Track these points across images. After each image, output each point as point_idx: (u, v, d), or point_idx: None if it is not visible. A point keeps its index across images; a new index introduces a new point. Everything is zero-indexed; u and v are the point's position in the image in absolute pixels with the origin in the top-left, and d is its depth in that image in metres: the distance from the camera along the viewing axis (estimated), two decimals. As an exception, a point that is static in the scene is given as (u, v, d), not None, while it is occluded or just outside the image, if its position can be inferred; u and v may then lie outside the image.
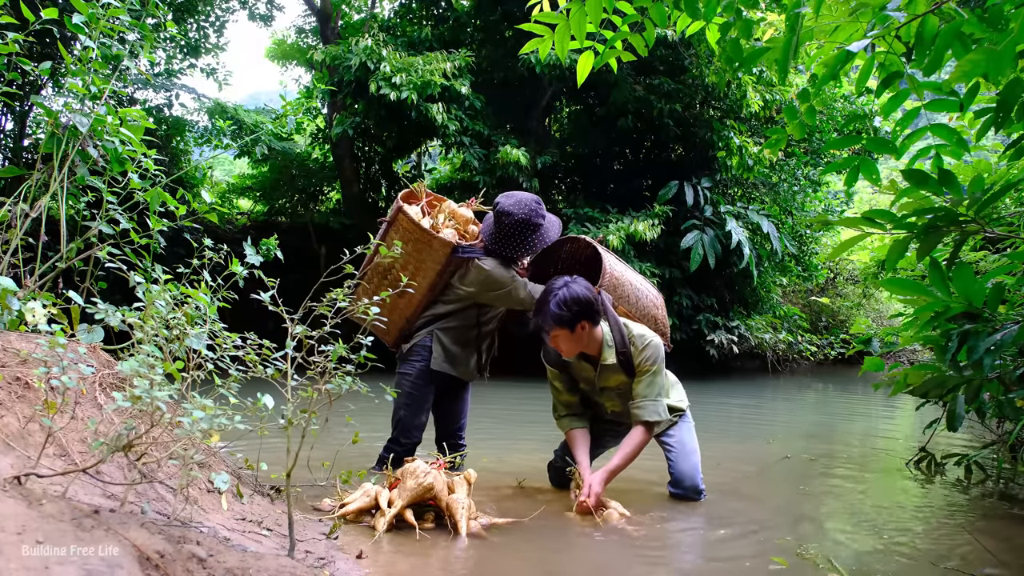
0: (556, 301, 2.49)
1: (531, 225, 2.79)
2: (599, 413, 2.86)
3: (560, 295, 2.49)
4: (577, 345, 2.58)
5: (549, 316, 2.49)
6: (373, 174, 11.01)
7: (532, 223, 2.79)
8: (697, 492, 2.71)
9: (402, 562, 1.89)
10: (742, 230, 8.72)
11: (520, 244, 2.82)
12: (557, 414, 2.81)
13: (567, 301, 2.48)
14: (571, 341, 2.55)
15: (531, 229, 2.80)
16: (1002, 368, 2.48)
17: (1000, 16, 1.60)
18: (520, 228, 2.78)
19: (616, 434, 2.85)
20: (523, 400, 6.38)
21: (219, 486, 1.75)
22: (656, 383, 2.60)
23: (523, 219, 2.77)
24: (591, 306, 2.52)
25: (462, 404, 3.12)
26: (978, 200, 1.82)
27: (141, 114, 2.55)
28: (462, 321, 2.92)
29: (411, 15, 10.53)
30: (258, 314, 2.03)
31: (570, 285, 2.52)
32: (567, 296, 2.49)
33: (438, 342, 2.90)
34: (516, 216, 2.77)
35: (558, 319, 2.48)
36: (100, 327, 2.02)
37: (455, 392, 3.08)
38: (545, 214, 2.87)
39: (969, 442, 4.22)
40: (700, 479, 2.72)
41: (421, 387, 2.91)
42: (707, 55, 8.63)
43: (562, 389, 2.78)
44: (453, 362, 2.93)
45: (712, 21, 2.13)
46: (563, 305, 2.48)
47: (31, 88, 7.54)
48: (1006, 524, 2.49)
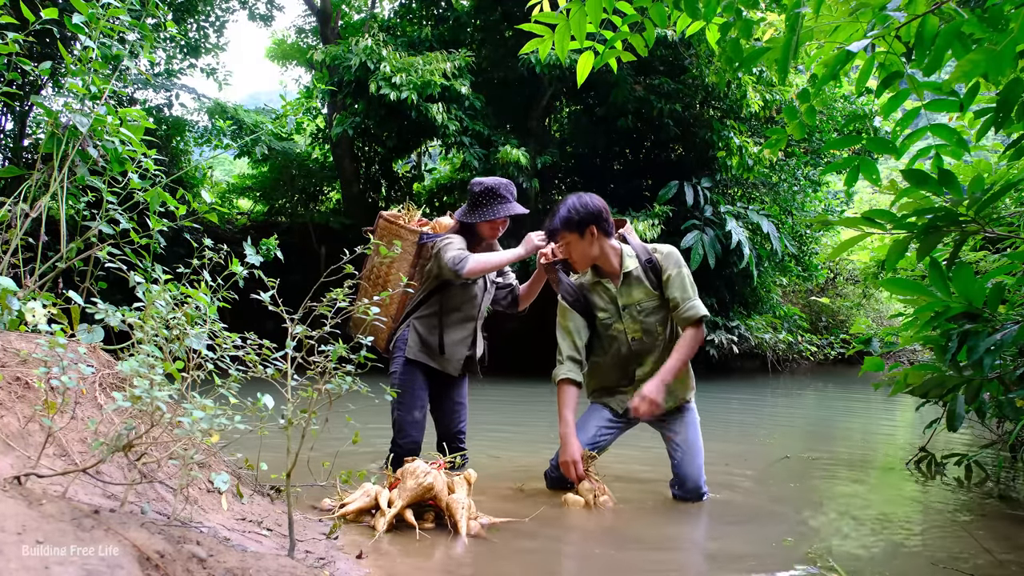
0: (566, 206, 2.66)
1: (497, 194, 2.85)
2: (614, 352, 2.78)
3: (571, 201, 2.67)
4: (588, 254, 2.67)
5: (558, 219, 2.65)
6: (373, 174, 11.01)
7: (499, 192, 2.85)
8: (699, 495, 2.70)
9: (402, 562, 1.89)
10: (742, 230, 8.72)
11: (481, 207, 2.85)
12: (558, 361, 2.76)
13: (576, 206, 2.65)
14: (581, 248, 2.65)
15: (496, 196, 2.85)
16: (1002, 368, 2.48)
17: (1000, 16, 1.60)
18: (486, 193, 2.84)
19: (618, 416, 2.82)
20: (523, 400, 6.39)
21: (219, 486, 1.75)
22: (688, 283, 2.69)
23: (491, 186, 2.85)
24: (600, 215, 2.65)
25: (455, 405, 3.04)
26: (978, 200, 1.82)
27: (141, 114, 2.55)
28: (430, 308, 2.93)
29: (411, 15, 10.53)
30: (258, 314, 2.03)
31: (581, 195, 2.69)
32: (577, 202, 2.66)
33: (413, 331, 2.90)
34: (486, 183, 2.86)
35: (566, 221, 2.63)
36: (100, 327, 2.02)
37: (447, 391, 3.03)
38: (514, 192, 2.92)
39: (969, 442, 4.22)
40: (703, 481, 2.71)
41: (407, 381, 2.88)
42: (707, 55, 8.63)
43: (571, 331, 2.75)
44: (429, 352, 2.91)
45: (712, 21, 2.12)
46: (572, 209, 2.64)
47: (31, 88, 7.54)
48: (1006, 524, 2.49)
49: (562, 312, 2.80)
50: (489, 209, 2.83)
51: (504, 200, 2.85)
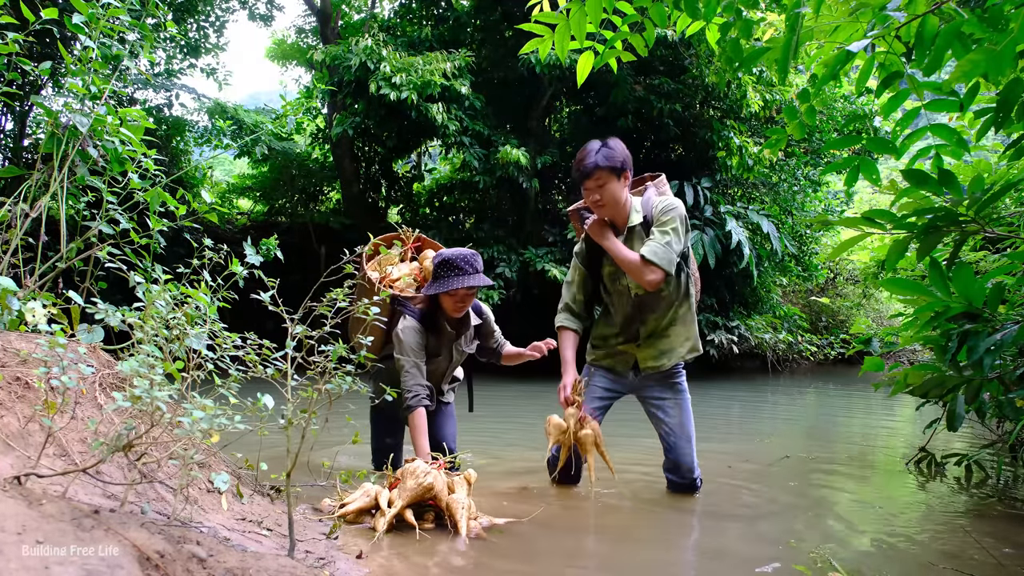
0: (607, 146, 2.61)
1: (454, 265, 2.68)
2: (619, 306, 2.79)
3: (611, 143, 2.63)
4: (618, 198, 2.64)
5: (601, 156, 2.59)
6: (373, 174, 11.02)
7: (455, 264, 2.68)
8: (693, 479, 2.71)
9: (402, 562, 1.88)
10: (742, 230, 8.72)
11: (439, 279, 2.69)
12: (560, 308, 2.91)
13: (616, 148, 2.61)
14: (614, 190, 2.62)
15: (453, 268, 2.68)
16: (1002, 368, 2.48)
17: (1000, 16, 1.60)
18: (443, 265, 2.69)
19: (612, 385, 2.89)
20: (523, 400, 6.39)
21: (219, 486, 1.75)
22: (669, 236, 2.62)
23: (448, 257, 2.70)
24: (630, 161, 2.65)
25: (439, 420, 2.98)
26: (978, 200, 1.82)
27: (141, 114, 2.55)
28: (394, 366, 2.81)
29: (411, 15, 10.54)
30: (258, 314, 2.03)
31: (612, 139, 2.65)
32: (615, 144, 2.63)
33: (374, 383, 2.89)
34: (444, 255, 2.72)
35: (610, 158, 2.58)
36: (100, 327, 2.02)
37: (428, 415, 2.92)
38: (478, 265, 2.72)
39: (969, 442, 4.22)
40: (696, 465, 2.73)
41: (374, 418, 3.02)
42: (707, 55, 8.63)
43: (573, 283, 2.88)
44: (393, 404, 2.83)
45: (712, 21, 2.12)
46: (614, 149, 2.60)
47: (31, 88, 7.55)
48: (1006, 524, 2.49)
49: (573, 265, 2.92)
50: (446, 280, 2.66)
51: (462, 272, 2.66)
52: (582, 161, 2.63)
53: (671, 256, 2.59)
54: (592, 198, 2.65)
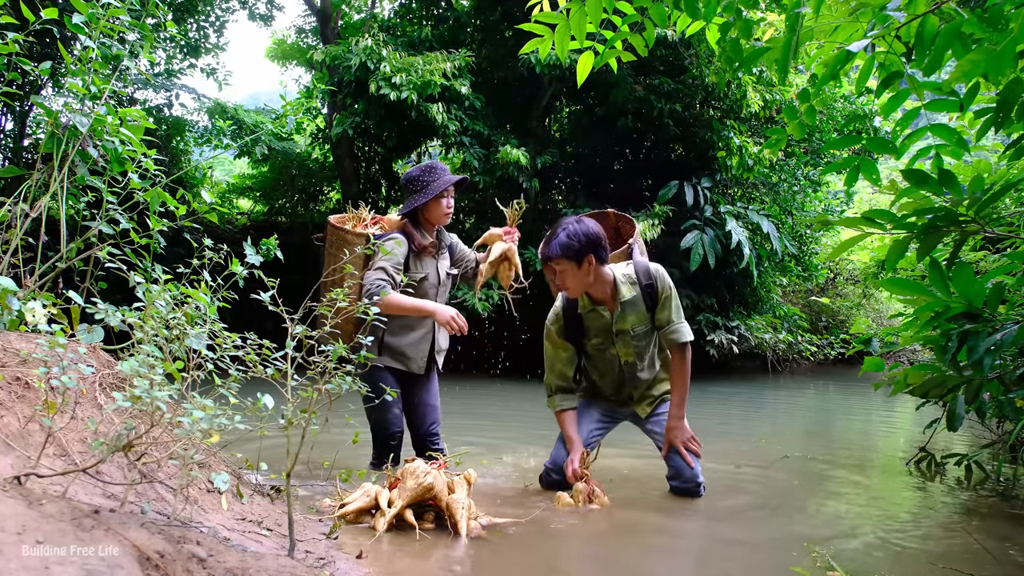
0: (566, 232, 2.53)
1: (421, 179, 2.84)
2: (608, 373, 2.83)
3: (571, 228, 2.53)
4: (582, 283, 2.58)
5: (557, 246, 2.52)
6: (373, 174, 11.01)
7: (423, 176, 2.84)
8: (697, 484, 2.70)
9: (402, 562, 1.89)
10: (742, 230, 8.71)
11: (415, 193, 2.85)
12: (549, 389, 2.82)
13: (577, 233, 2.52)
14: (577, 277, 2.56)
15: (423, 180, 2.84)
16: (1002, 368, 2.48)
17: (1000, 16, 1.60)
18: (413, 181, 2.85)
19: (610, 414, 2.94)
20: (523, 400, 6.39)
21: (219, 486, 1.75)
22: (677, 304, 2.69)
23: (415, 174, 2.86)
24: (600, 243, 2.55)
25: (425, 407, 3.00)
26: (978, 200, 1.82)
27: (141, 114, 2.55)
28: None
29: (411, 15, 10.53)
30: (258, 314, 2.03)
31: (582, 220, 2.57)
32: (577, 229, 2.53)
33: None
34: (411, 172, 2.87)
35: (566, 248, 2.51)
36: (100, 327, 2.02)
37: (415, 392, 3.00)
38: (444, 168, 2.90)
39: (969, 442, 4.22)
40: (699, 471, 2.72)
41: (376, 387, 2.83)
42: (707, 55, 8.63)
43: (560, 361, 2.80)
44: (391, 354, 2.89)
45: (712, 21, 2.12)
46: (573, 236, 2.51)
47: (31, 88, 7.54)
48: (1006, 524, 2.49)
49: (553, 343, 2.79)
50: (427, 188, 2.82)
51: (438, 174, 2.84)
52: (543, 245, 2.62)
53: (687, 326, 2.73)
54: (556, 281, 2.63)
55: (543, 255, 2.60)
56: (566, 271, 2.54)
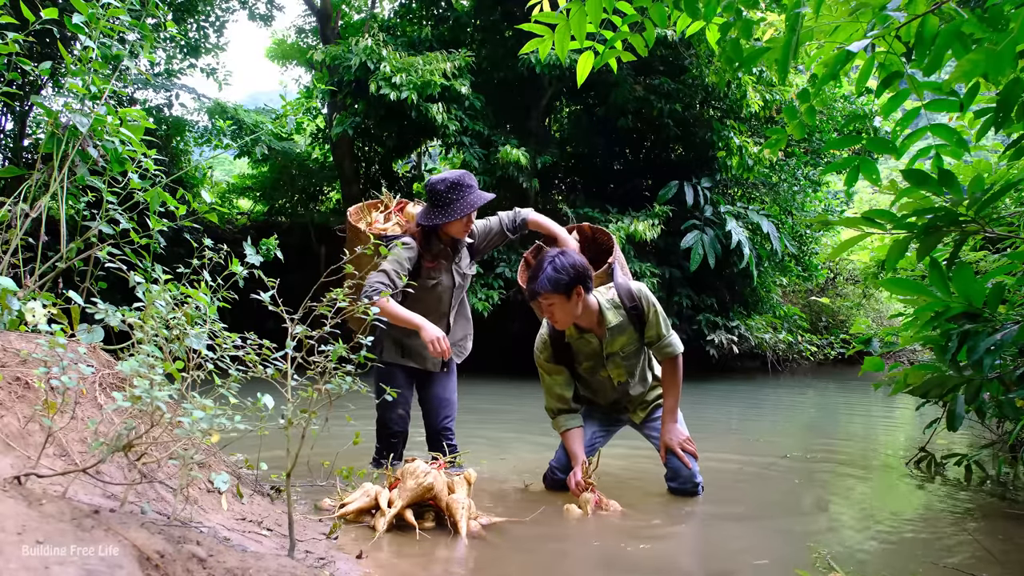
0: (552, 266, 2.50)
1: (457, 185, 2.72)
2: (601, 392, 2.88)
3: (557, 261, 2.51)
4: (571, 314, 2.57)
5: (546, 280, 2.49)
6: (373, 174, 11.01)
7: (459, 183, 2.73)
8: (695, 484, 2.71)
9: (402, 562, 1.88)
10: (742, 230, 8.72)
11: (438, 208, 2.75)
12: (551, 412, 2.84)
13: (564, 267, 2.50)
14: (566, 309, 2.55)
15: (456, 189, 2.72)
16: (1002, 368, 2.48)
17: (1000, 16, 1.60)
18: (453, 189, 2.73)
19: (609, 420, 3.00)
20: (523, 399, 6.38)
21: (219, 486, 1.75)
22: (665, 320, 2.74)
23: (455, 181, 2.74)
24: (587, 274, 2.55)
25: (440, 401, 3.00)
26: (978, 200, 1.82)
27: (141, 114, 2.55)
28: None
29: (411, 15, 10.53)
30: (258, 314, 2.03)
31: (566, 252, 2.56)
32: (564, 262, 2.51)
33: (384, 333, 2.86)
34: (449, 179, 2.74)
35: (555, 282, 2.48)
36: (100, 327, 2.02)
37: (430, 387, 3.01)
38: (472, 183, 2.79)
39: (969, 442, 4.22)
40: (697, 472, 2.73)
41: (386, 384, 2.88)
42: (707, 55, 8.63)
43: (557, 385, 2.80)
44: (404, 351, 2.91)
45: (712, 21, 2.12)
46: (560, 270, 2.49)
47: (31, 88, 7.54)
48: (1006, 524, 2.49)
49: (546, 370, 2.81)
50: (444, 211, 2.72)
51: (459, 195, 2.72)
52: (530, 282, 2.57)
53: (677, 337, 2.78)
54: (544, 315, 2.64)
55: (530, 291, 2.57)
56: (555, 304, 2.53)
